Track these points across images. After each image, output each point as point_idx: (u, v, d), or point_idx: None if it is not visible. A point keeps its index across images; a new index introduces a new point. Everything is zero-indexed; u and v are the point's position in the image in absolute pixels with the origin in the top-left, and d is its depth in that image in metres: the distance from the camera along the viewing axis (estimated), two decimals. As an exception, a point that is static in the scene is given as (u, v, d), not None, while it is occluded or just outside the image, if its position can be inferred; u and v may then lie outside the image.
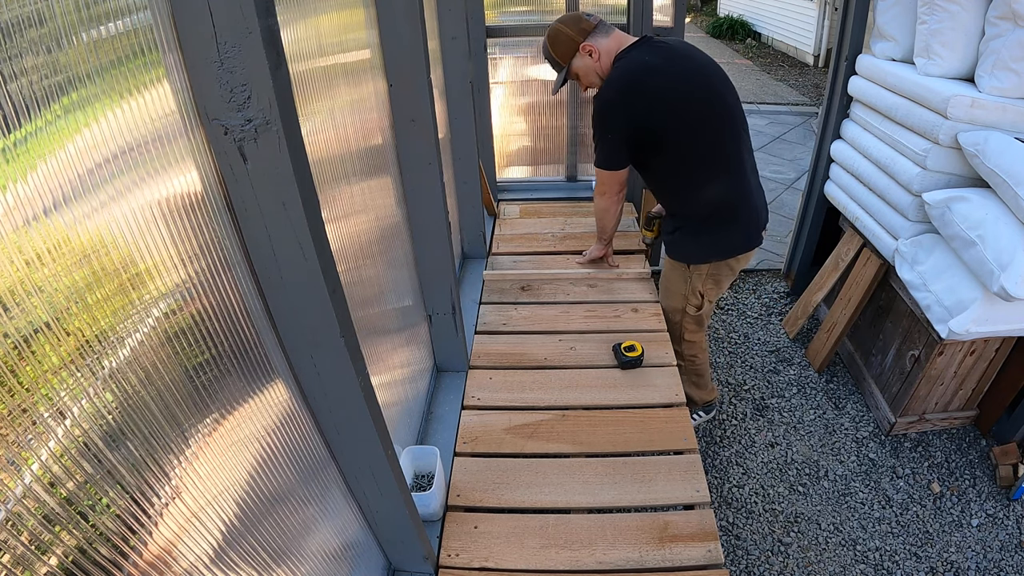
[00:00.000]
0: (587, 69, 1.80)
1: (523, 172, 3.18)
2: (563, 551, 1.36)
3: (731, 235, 1.83)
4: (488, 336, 2.05)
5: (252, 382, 0.79)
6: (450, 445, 1.63)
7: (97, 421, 0.54)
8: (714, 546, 1.35)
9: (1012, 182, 1.75)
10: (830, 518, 2.12)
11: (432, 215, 1.59)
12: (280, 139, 0.65)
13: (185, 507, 0.66)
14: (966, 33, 2.01)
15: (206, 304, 0.69)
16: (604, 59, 1.76)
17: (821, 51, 8.15)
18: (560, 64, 1.84)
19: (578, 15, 1.82)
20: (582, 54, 1.78)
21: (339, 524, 1.10)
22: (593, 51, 1.76)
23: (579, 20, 1.79)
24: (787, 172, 4.97)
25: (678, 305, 2.03)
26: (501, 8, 2.73)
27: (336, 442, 1.00)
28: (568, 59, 1.81)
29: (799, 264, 3.17)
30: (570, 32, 1.78)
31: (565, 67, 1.84)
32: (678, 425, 1.67)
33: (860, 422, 2.49)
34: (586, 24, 1.78)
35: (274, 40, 0.62)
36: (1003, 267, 1.73)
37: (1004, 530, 2.04)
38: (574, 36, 1.78)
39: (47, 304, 0.48)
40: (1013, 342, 2.14)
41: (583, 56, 1.78)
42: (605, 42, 1.77)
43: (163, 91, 0.61)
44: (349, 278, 1.13)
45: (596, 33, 1.77)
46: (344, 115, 1.12)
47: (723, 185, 1.76)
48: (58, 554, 0.49)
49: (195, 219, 0.67)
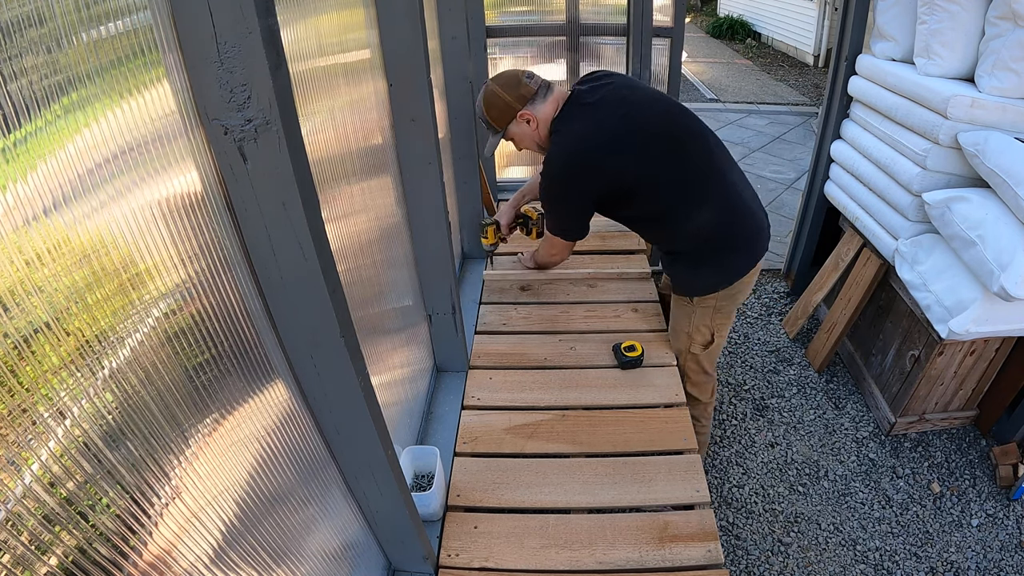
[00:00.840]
0: (524, 136, 1.69)
1: (523, 172, 3.18)
2: (563, 551, 1.36)
3: (733, 257, 1.69)
4: (488, 336, 2.05)
5: (252, 382, 0.79)
6: (450, 445, 1.63)
7: (97, 421, 0.54)
8: (714, 546, 1.35)
9: (1012, 182, 1.75)
10: (830, 518, 2.13)
11: (432, 215, 1.59)
12: (280, 139, 0.65)
13: (185, 507, 0.66)
14: (966, 33, 2.02)
15: (206, 304, 0.69)
16: (542, 127, 1.65)
17: (821, 51, 8.15)
18: (495, 128, 1.71)
19: (518, 78, 1.66)
20: (519, 121, 1.66)
21: (339, 524, 1.10)
22: (531, 119, 1.64)
23: (518, 84, 1.64)
24: (787, 172, 4.97)
25: (682, 346, 1.86)
26: (501, 8, 2.73)
27: (336, 442, 1.00)
28: (504, 124, 1.69)
29: (799, 264, 3.17)
30: (508, 98, 1.64)
31: (500, 131, 1.72)
32: (678, 425, 1.67)
33: (860, 422, 2.49)
34: (526, 90, 1.64)
35: (274, 40, 0.62)
36: (1003, 267, 1.73)
37: (1004, 530, 2.04)
38: (512, 103, 1.64)
39: (47, 304, 0.48)
40: (1013, 342, 2.14)
41: (520, 123, 1.66)
42: (543, 108, 1.64)
43: (163, 91, 0.61)
44: (349, 278, 1.13)
45: (535, 100, 1.64)
46: (344, 115, 1.12)
47: (710, 210, 1.61)
48: (58, 554, 0.49)
49: (195, 219, 0.67)
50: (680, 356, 1.89)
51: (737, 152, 5.38)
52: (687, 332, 1.82)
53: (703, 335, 1.80)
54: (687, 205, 1.61)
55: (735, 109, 6.64)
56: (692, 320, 1.79)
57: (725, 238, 1.66)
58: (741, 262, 1.70)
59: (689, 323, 1.80)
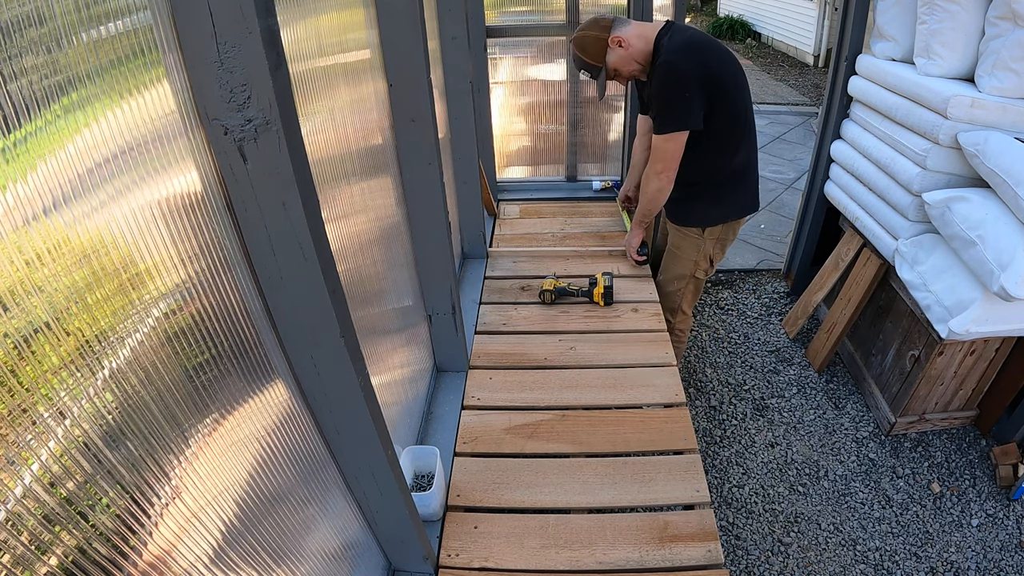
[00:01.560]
0: (623, 59, 1.85)
1: (523, 172, 3.18)
2: (563, 551, 1.36)
3: (745, 195, 2.01)
4: (488, 336, 2.05)
5: (252, 382, 0.79)
6: (450, 445, 1.63)
7: (97, 421, 0.54)
8: (714, 546, 1.35)
9: (1012, 182, 1.75)
10: (830, 518, 2.12)
11: (432, 215, 1.59)
12: (280, 139, 0.65)
13: (185, 507, 0.66)
14: (966, 33, 2.01)
15: (206, 304, 0.69)
16: (635, 44, 1.82)
17: (821, 51, 8.15)
18: (595, 66, 1.88)
19: (593, 18, 1.88)
20: (612, 47, 1.83)
21: (339, 524, 1.10)
22: (623, 41, 1.82)
23: (597, 21, 1.87)
24: (787, 172, 4.97)
25: (686, 271, 2.14)
26: (501, 8, 2.73)
27: (336, 442, 1.00)
28: (602, 58, 1.86)
29: (799, 264, 3.17)
30: (594, 33, 1.84)
31: (602, 66, 1.88)
32: (678, 425, 1.67)
33: (860, 422, 2.49)
34: (604, 22, 1.85)
35: (274, 40, 0.62)
36: (1003, 267, 1.73)
37: (1004, 530, 2.04)
38: (599, 35, 1.84)
39: (47, 304, 0.48)
40: (1013, 342, 2.14)
41: (614, 49, 1.84)
42: (629, 30, 1.83)
43: (163, 91, 0.61)
44: (349, 278, 1.13)
45: (616, 26, 1.84)
46: (344, 115, 1.12)
47: (748, 147, 1.93)
48: (58, 554, 0.49)
49: (195, 219, 0.67)
50: (679, 281, 2.18)
51: (737, 152, 5.37)
52: (694, 260, 2.12)
53: (706, 262, 2.12)
54: (741, 134, 1.89)
55: (735, 109, 6.62)
56: (701, 249, 2.08)
57: (744, 179, 1.98)
58: (748, 202, 2.03)
59: (698, 252, 2.10)
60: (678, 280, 2.18)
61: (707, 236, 2.04)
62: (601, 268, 2.32)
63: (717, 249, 2.08)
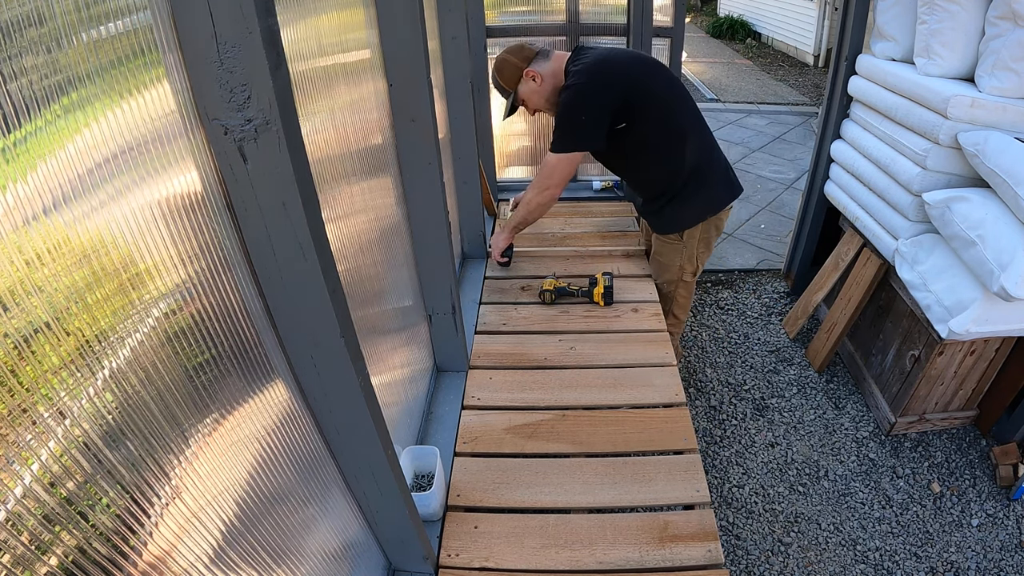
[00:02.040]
0: (533, 93, 1.94)
1: (523, 172, 3.18)
2: (563, 551, 1.36)
3: (713, 189, 1.99)
4: (488, 336, 2.05)
5: (252, 382, 0.79)
6: (450, 445, 1.63)
7: (97, 421, 0.54)
8: (714, 546, 1.35)
9: (1012, 182, 1.75)
10: (830, 518, 2.13)
11: (432, 215, 1.59)
12: (280, 139, 0.65)
13: (185, 507, 0.66)
14: (966, 33, 2.01)
15: (206, 304, 0.69)
16: (547, 82, 1.90)
17: (821, 51, 8.15)
18: (507, 90, 1.98)
19: (521, 45, 1.96)
20: (526, 79, 1.92)
21: (339, 524, 1.10)
22: (536, 76, 1.90)
23: (522, 48, 1.95)
24: (787, 172, 4.97)
25: (673, 277, 2.17)
26: (501, 8, 2.74)
27: (336, 442, 1.00)
28: (514, 85, 1.96)
29: (799, 264, 3.17)
30: (514, 60, 1.93)
31: (512, 92, 1.97)
32: (678, 425, 1.67)
33: (860, 422, 2.49)
34: (528, 52, 1.93)
35: (274, 40, 0.62)
36: (1003, 267, 1.73)
37: (1004, 530, 2.04)
38: (518, 63, 1.92)
39: (47, 304, 0.48)
40: (1013, 342, 2.14)
41: (527, 81, 1.92)
42: (547, 66, 1.91)
43: (163, 91, 0.61)
44: (349, 278, 1.13)
45: (538, 60, 1.92)
46: (344, 115, 1.12)
47: (697, 140, 1.91)
48: (58, 554, 0.49)
49: (195, 219, 0.67)
50: (670, 285, 2.21)
51: (737, 152, 5.38)
52: (679, 265, 2.13)
53: (692, 265, 2.12)
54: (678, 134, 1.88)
55: (735, 109, 6.64)
56: (684, 253, 2.09)
57: (708, 173, 1.96)
58: (719, 194, 2.00)
59: (681, 256, 2.11)
60: (668, 284, 2.21)
61: (687, 239, 2.06)
62: (601, 268, 2.31)
63: (702, 248, 2.09)
